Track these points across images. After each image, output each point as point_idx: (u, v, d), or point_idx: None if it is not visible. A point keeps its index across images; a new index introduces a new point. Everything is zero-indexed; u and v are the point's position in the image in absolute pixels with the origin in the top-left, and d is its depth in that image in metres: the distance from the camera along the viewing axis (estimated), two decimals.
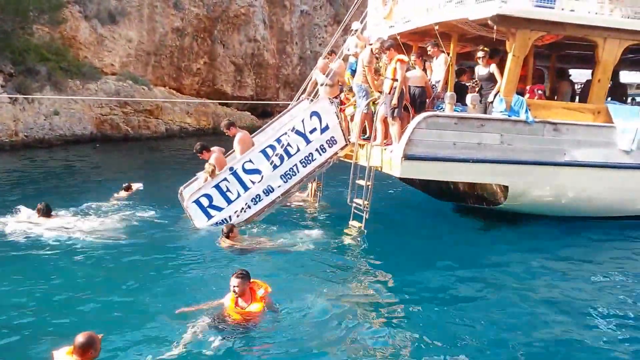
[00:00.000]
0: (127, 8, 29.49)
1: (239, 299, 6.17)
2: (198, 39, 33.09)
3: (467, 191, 10.90)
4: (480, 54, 10.09)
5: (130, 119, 28.13)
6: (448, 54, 10.47)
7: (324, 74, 11.55)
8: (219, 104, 33.24)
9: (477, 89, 10.08)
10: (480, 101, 9.98)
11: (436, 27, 10.09)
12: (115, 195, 13.30)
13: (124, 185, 13.78)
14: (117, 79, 28.04)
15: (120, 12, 29.13)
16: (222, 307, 6.26)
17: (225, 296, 6.34)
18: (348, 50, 12.16)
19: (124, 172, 16.74)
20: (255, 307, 6.14)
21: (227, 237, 9.14)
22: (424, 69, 10.63)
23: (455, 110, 9.80)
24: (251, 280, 6.27)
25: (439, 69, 10.49)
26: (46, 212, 10.36)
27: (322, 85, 11.48)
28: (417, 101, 10.04)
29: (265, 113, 36.34)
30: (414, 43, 11.83)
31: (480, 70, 10.23)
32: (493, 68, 9.97)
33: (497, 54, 10.28)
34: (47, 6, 24.93)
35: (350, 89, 11.32)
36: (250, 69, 36.57)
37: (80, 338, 4.59)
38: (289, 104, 12.99)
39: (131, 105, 27.92)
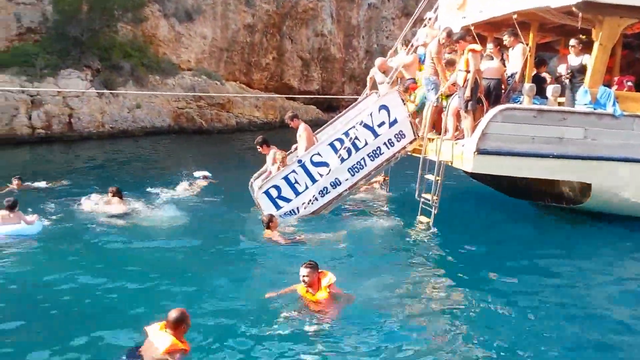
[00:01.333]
0: (202, 6, 29.79)
1: (309, 288, 6.06)
2: (267, 35, 33.03)
3: (544, 189, 9.93)
4: (573, 42, 9.09)
5: (204, 112, 28.47)
6: (527, 44, 9.51)
7: (382, 72, 10.96)
8: (286, 98, 33.08)
9: (569, 80, 9.09)
10: (572, 92, 8.98)
11: (514, 16, 9.19)
12: (189, 184, 13.27)
13: (200, 174, 13.83)
14: (192, 74, 28.43)
15: (196, 10, 29.47)
16: (298, 294, 6.16)
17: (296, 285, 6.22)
18: (417, 41, 11.44)
19: (197, 163, 16.73)
20: (322, 295, 5.97)
21: (268, 227, 8.75)
22: (502, 60, 9.72)
23: (534, 103, 8.89)
24: (319, 270, 6.12)
25: (516, 60, 9.55)
26: (117, 195, 10.46)
27: (381, 83, 10.91)
28: (492, 94, 9.19)
29: (330, 107, 35.91)
30: (489, 33, 10.91)
31: (573, 60, 9.21)
32: (586, 59, 8.93)
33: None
34: (131, 4, 25.52)
35: (406, 90, 10.61)
36: (317, 63, 36.20)
37: (173, 313, 4.70)
38: (355, 98, 12.49)
39: (205, 100, 28.26)
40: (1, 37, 23.03)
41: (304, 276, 5.99)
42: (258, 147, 10.85)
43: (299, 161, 10.00)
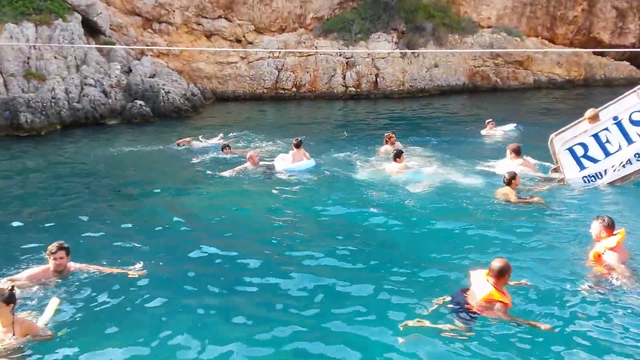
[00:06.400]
0: None
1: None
2: None
3: None
4: None
5: (501, 70, 27.51)
6: None
7: None
8: (593, 53, 29.23)
9: None
10: None
11: None
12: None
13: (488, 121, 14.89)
14: (492, 31, 27.63)
15: None
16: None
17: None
18: None
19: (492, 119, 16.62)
20: (596, 251, 5.65)
21: (509, 184, 8.33)
22: None
23: None
24: (614, 231, 5.69)
25: None
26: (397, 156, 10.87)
27: None
28: None
29: None
30: None
31: None
32: None
33: None
34: None
35: None
36: (636, 12, 30.82)
37: (496, 263, 4.75)
38: None
39: (502, 57, 27.22)
40: (326, 6, 26.31)
41: (591, 229, 5.78)
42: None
43: (615, 118, 8.96)
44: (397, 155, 10.38)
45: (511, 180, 8.42)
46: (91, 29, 20.75)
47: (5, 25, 17.61)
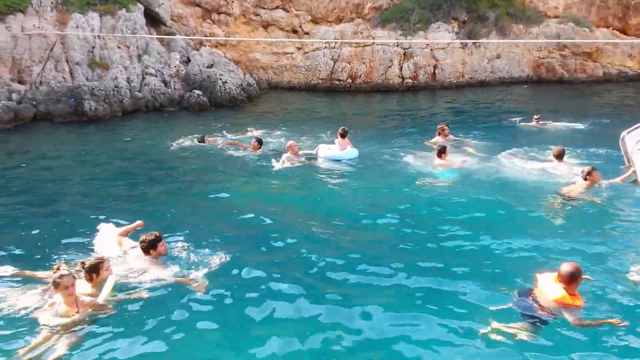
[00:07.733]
0: None
1: None
2: None
3: None
4: None
5: (567, 62, 26.22)
6: None
7: None
8: None
9: None
10: None
11: None
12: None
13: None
14: (559, 21, 26.33)
15: None
16: None
17: None
18: None
19: (554, 113, 15.82)
20: None
21: (585, 179, 8.12)
22: None
23: None
24: None
25: None
26: (441, 152, 10.22)
27: None
28: None
29: None
30: None
31: None
32: None
33: None
34: None
35: None
36: None
37: (566, 268, 4.54)
38: None
39: (569, 48, 25.93)
40: None
41: None
42: None
43: None
44: (441, 151, 10.09)
45: (587, 176, 8.19)
46: (153, 20, 21.35)
47: (72, 15, 18.40)
